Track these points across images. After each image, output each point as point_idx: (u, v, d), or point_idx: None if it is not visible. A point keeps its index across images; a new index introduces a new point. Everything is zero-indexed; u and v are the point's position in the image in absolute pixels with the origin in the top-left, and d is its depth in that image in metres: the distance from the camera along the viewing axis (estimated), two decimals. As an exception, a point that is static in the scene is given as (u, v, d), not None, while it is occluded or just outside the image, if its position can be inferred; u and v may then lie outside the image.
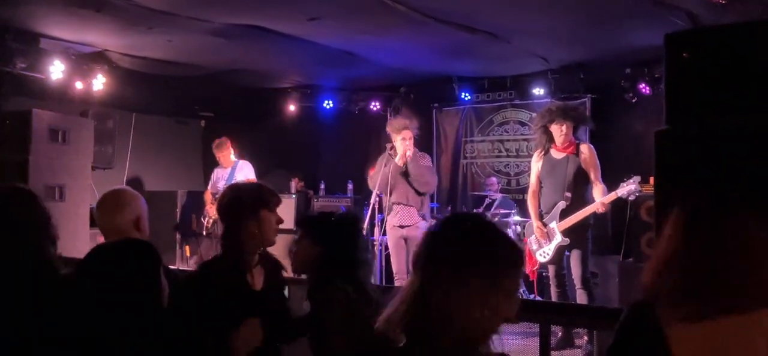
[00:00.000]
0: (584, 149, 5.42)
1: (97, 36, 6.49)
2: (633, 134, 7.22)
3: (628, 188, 5.21)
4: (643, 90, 7.23)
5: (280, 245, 2.66)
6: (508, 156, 8.61)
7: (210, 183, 7.57)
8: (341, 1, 5.37)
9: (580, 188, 5.37)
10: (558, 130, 5.37)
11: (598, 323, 3.57)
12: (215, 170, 7.64)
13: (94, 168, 6.81)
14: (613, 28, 6.05)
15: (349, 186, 8.74)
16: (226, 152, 7.48)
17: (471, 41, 6.48)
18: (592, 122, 6.43)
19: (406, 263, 6.01)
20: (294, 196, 8.25)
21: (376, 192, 6.49)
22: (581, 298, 5.26)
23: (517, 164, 8.52)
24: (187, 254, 7.88)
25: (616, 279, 6.01)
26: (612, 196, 5.25)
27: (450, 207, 8.34)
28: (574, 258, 5.35)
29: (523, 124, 8.42)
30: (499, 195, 7.86)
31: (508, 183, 8.52)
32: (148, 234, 2.64)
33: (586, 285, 5.28)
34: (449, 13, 5.68)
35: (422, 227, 6.13)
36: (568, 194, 5.34)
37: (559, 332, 5.35)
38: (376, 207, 6.96)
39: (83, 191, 6.37)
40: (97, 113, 7.29)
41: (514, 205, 7.62)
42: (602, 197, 5.22)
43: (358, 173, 8.96)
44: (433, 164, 6.51)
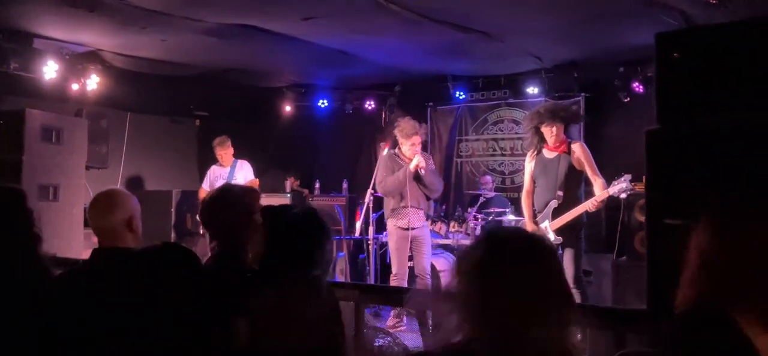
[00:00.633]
0: (576, 147, 5.43)
1: (91, 36, 6.47)
2: (626, 133, 7.24)
3: (618, 187, 5.22)
4: (637, 89, 7.25)
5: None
6: (503, 155, 8.62)
7: (206, 181, 7.52)
8: (335, 1, 5.37)
9: (572, 186, 5.39)
10: (548, 131, 5.38)
11: (590, 322, 3.58)
12: (213, 168, 7.57)
13: (88, 168, 6.80)
14: (607, 28, 6.06)
15: (344, 185, 8.75)
16: (228, 150, 7.46)
17: (465, 40, 6.49)
18: (584, 120, 6.45)
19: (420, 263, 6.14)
20: (289, 195, 8.26)
21: (370, 192, 6.49)
22: (574, 297, 5.27)
23: (511, 163, 8.54)
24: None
25: (610, 278, 6.03)
26: (603, 194, 5.26)
27: (444, 206, 8.35)
28: (567, 257, 5.36)
29: (517, 123, 8.44)
30: (493, 194, 7.87)
31: (503, 182, 8.54)
32: (142, 234, 2.65)
33: (579, 283, 5.30)
34: (443, 12, 5.68)
35: (426, 227, 6.21)
36: (560, 193, 5.35)
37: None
38: (371, 206, 6.97)
39: (77, 190, 6.35)
40: (91, 112, 7.27)
41: (508, 203, 7.64)
42: (603, 191, 5.22)
43: (353, 171, 8.98)
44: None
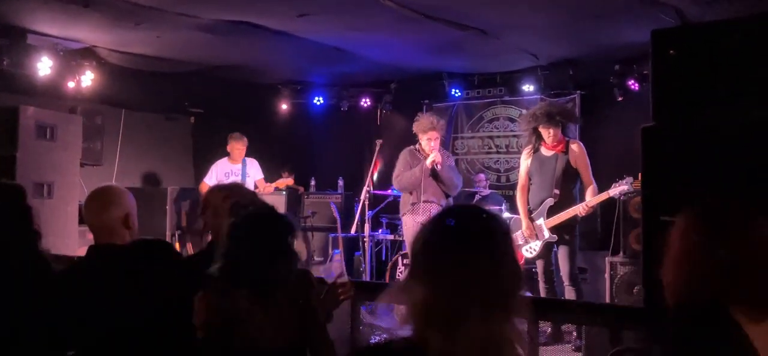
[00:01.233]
0: (574, 146, 5.44)
1: (85, 32, 6.45)
2: (622, 130, 7.20)
3: (619, 189, 5.24)
4: (632, 86, 7.26)
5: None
6: (498, 152, 8.63)
7: (211, 176, 7.41)
8: (331, -2, 5.37)
9: (568, 185, 5.40)
10: (546, 132, 5.40)
11: (586, 319, 3.59)
12: (221, 163, 7.50)
13: (82, 165, 6.78)
14: (602, 25, 6.07)
15: (340, 182, 8.74)
16: (242, 147, 7.50)
17: (461, 38, 6.49)
18: (581, 119, 6.45)
19: None
20: (284, 192, 8.25)
21: (366, 190, 6.49)
22: (569, 294, 5.29)
23: (506, 160, 8.54)
24: (189, 251, 7.85)
25: (605, 275, 6.04)
26: (603, 196, 5.28)
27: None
28: (562, 255, 5.38)
29: (512, 120, 8.45)
30: (488, 191, 7.88)
31: (498, 179, 8.55)
32: (138, 231, 2.64)
33: (574, 281, 5.32)
34: (439, 9, 5.68)
35: None
36: (557, 191, 5.36)
37: (547, 328, 5.38)
38: (367, 204, 6.97)
39: (72, 188, 6.33)
40: (85, 109, 7.24)
41: (503, 201, 7.64)
42: (593, 197, 5.25)
43: (348, 169, 8.96)
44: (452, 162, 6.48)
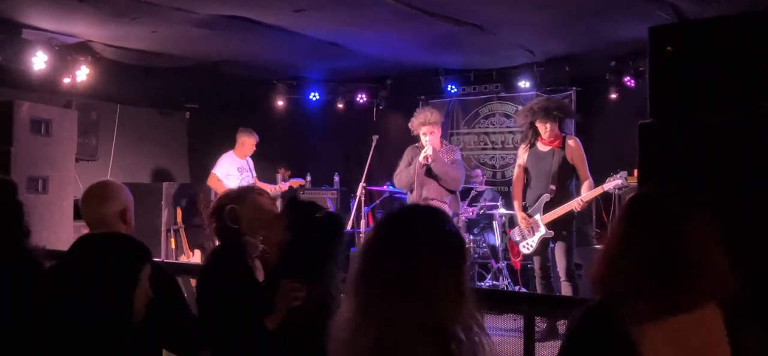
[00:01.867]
0: (571, 142, 5.45)
1: (81, 26, 6.42)
2: (617, 127, 7.25)
3: (614, 183, 5.25)
4: (628, 83, 7.28)
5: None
6: (494, 148, 8.64)
7: (221, 168, 7.27)
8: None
9: (564, 181, 5.41)
10: (543, 127, 5.41)
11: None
12: (233, 157, 7.40)
13: (77, 160, 6.76)
14: (599, 22, 6.08)
15: (336, 178, 8.74)
16: (253, 144, 7.41)
17: (458, 33, 6.48)
18: (577, 115, 6.46)
19: None
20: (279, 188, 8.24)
21: (362, 186, 6.48)
22: (566, 290, 5.30)
23: (502, 157, 8.55)
24: (185, 248, 7.83)
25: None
26: (598, 191, 5.29)
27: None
28: (559, 250, 5.39)
29: (508, 116, 8.45)
30: (484, 187, 7.89)
31: (494, 175, 8.56)
32: (134, 227, 2.63)
33: (570, 276, 5.33)
34: (436, 4, 5.68)
35: None
36: (553, 187, 5.37)
37: (543, 324, 5.39)
38: (362, 200, 6.97)
39: (67, 183, 6.31)
40: (80, 104, 7.22)
41: (499, 197, 7.66)
42: (589, 192, 5.26)
43: (344, 165, 8.96)
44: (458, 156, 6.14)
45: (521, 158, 5.63)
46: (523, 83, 8.01)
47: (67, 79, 7.11)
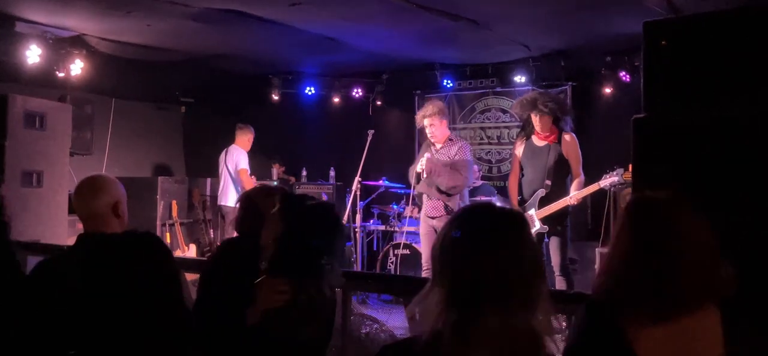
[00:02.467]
0: (567, 137, 5.45)
1: (75, 20, 6.39)
2: (613, 122, 7.27)
3: (610, 180, 5.26)
4: (624, 78, 7.28)
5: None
6: (490, 143, 8.64)
7: (247, 163, 7.68)
8: (323, -13, 5.34)
9: (560, 176, 5.41)
10: (536, 120, 5.41)
11: (576, 309, 3.60)
12: (245, 152, 7.74)
13: (72, 154, 6.74)
14: (594, 16, 6.07)
15: (331, 173, 8.74)
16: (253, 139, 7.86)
17: (453, 28, 6.47)
18: (573, 110, 6.45)
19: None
20: (275, 182, 8.24)
21: (357, 180, 6.47)
22: (560, 285, 5.31)
23: (498, 152, 8.55)
24: (180, 243, 7.82)
25: (595, 266, 6.07)
26: (593, 187, 5.30)
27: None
28: (553, 245, 5.40)
29: (504, 111, 8.45)
30: (480, 182, 7.89)
31: (490, 170, 8.56)
32: (127, 221, 2.62)
33: (564, 271, 5.34)
34: (431, -1, 5.67)
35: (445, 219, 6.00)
36: (548, 182, 5.38)
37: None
38: (358, 194, 6.97)
39: (61, 177, 6.29)
40: (75, 98, 7.19)
41: (495, 192, 7.66)
42: (579, 189, 5.26)
43: (340, 159, 8.95)
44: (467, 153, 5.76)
45: (517, 150, 5.63)
46: (519, 78, 8.01)
47: (61, 73, 7.08)
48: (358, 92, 9.11)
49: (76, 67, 7.11)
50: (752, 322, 1.95)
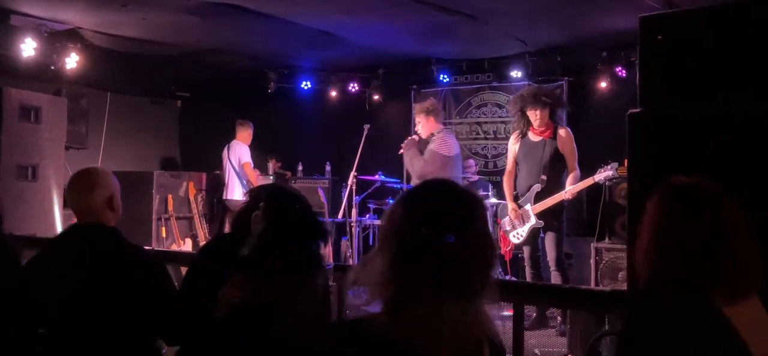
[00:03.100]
0: (562, 132, 5.45)
1: (70, 13, 6.36)
2: (609, 117, 7.25)
3: (604, 174, 5.26)
4: (620, 73, 7.29)
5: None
6: (486, 138, 8.64)
7: (250, 157, 7.88)
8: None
9: (556, 171, 5.42)
10: (533, 115, 5.41)
11: (571, 303, 3.61)
12: (237, 144, 7.88)
13: (67, 148, 6.72)
14: (591, 11, 6.07)
15: (327, 167, 8.73)
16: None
17: (449, 23, 6.46)
18: (568, 105, 6.46)
19: None
20: (271, 177, 8.23)
21: (353, 175, 6.46)
22: (555, 279, 5.32)
23: (494, 147, 8.55)
24: (176, 237, 7.81)
25: (591, 261, 6.08)
26: (588, 181, 5.30)
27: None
28: (549, 240, 5.41)
29: (500, 106, 8.45)
30: (476, 177, 7.90)
31: (486, 165, 8.56)
32: (122, 214, 2.62)
33: (560, 266, 5.35)
34: (428, -6, 5.66)
35: None
36: (544, 177, 5.38)
37: (533, 313, 5.41)
38: (354, 189, 6.96)
39: (56, 170, 6.28)
40: (70, 91, 7.17)
41: (489, 186, 7.66)
42: (574, 184, 5.27)
43: (336, 154, 8.95)
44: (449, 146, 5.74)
45: (513, 149, 5.62)
46: (515, 73, 8.01)
47: (56, 67, 7.05)
48: (354, 87, 9.10)
49: (72, 61, 7.08)
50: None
